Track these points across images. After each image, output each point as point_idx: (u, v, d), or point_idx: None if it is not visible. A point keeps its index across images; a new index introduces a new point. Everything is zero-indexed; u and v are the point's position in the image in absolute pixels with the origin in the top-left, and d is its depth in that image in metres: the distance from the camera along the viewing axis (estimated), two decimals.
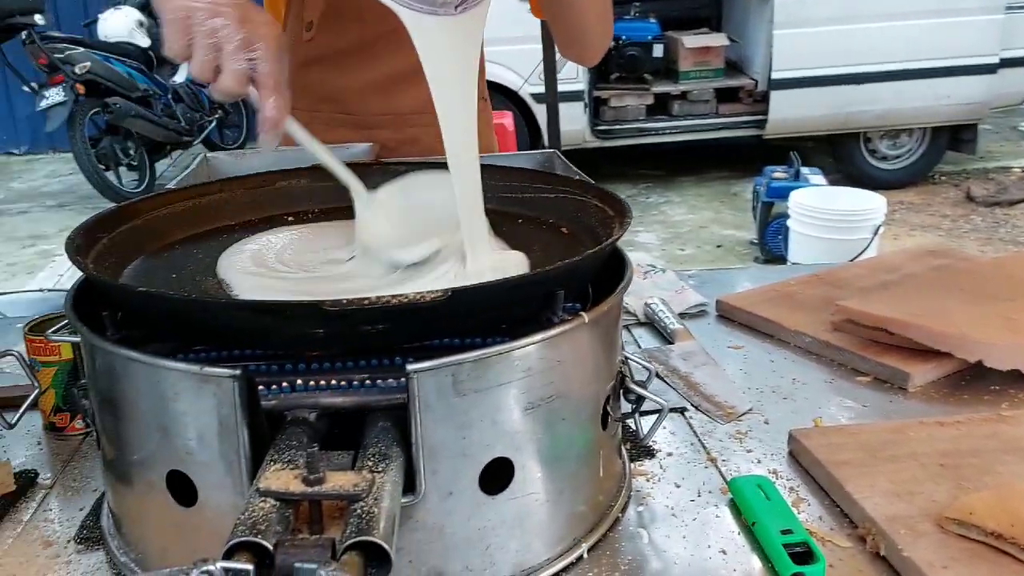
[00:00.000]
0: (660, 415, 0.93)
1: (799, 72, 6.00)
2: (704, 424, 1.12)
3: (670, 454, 1.06)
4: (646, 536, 0.90)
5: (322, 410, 0.78)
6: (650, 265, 1.61)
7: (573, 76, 5.76)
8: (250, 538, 0.61)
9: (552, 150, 1.39)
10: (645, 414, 0.95)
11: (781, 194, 4.68)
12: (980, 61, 5.99)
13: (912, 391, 1.19)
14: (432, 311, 0.75)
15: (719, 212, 6.08)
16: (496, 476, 0.79)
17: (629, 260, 0.95)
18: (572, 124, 5.91)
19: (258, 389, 0.76)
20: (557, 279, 0.85)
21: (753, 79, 6.36)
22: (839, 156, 6.43)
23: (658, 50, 6.25)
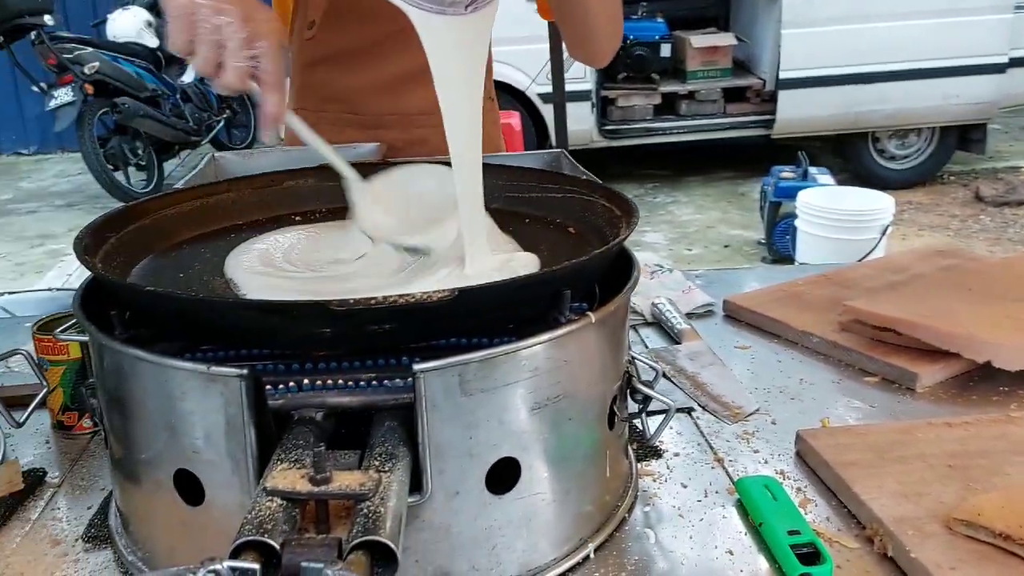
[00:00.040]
0: (667, 415, 0.93)
1: (807, 72, 5.99)
2: (711, 424, 1.12)
3: (677, 454, 1.05)
4: (653, 536, 0.90)
5: (329, 410, 0.78)
6: (657, 265, 1.61)
7: (580, 76, 5.76)
8: (257, 537, 0.61)
9: (559, 150, 1.39)
10: (652, 414, 0.95)
11: (789, 194, 4.67)
12: (989, 60, 5.97)
13: (920, 392, 1.18)
14: (439, 311, 0.75)
15: (726, 212, 6.07)
16: (503, 476, 0.79)
17: (636, 260, 0.95)
18: (579, 124, 5.91)
19: (265, 388, 0.76)
20: (564, 279, 0.85)
21: (761, 79, 6.35)
22: (847, 156, 6.42)
23: (665, 50, 6.24)
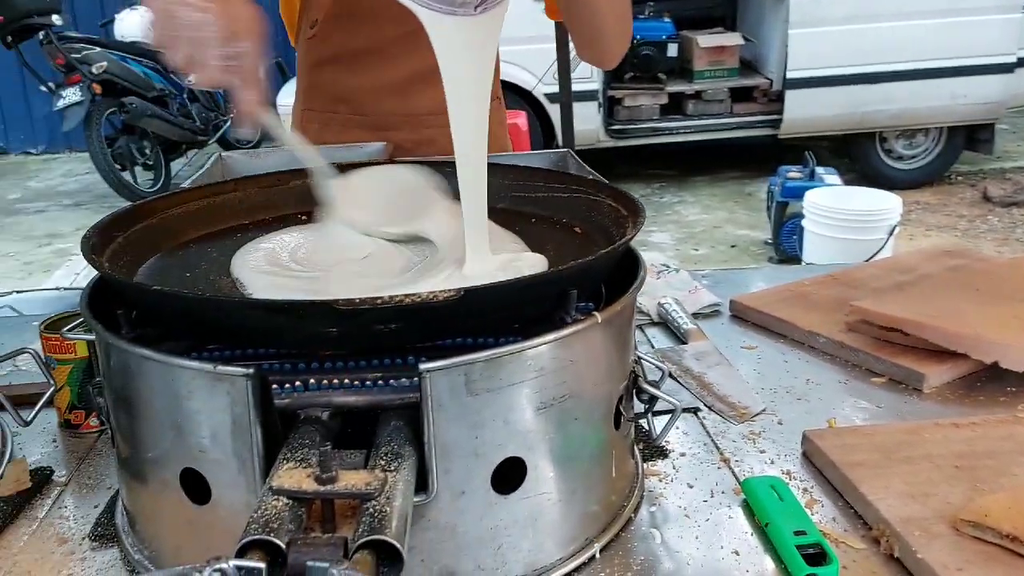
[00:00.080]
0: (673, 415, 0.93)
1: (814, 71, 5.97)
2: (717, 424, 1.12)
3: (683, 454, 1.05)
4: (659, 536, 0.90)
5: (335, 409, 0.78)
6: (664, 265, 1.60)
7: (587, 76, 5.75)
8: (263, 536, 0.61)
9: (566, 149, 1.39)
10: (658, 414, 0.94)
11: (796, 194, 4.66)
12: (997, 60, 5.95)
13: (927, 392, 1.18)
14: (445, 310, 0.75)
15: (733, 212, 6.06)
16: (508, 475, 0.79)
17: (643, 260, 0.95)
18: (586, 124, 5.91)
19: (271, 388, 0.76)
20: (570, 279, 0.85)
21: (768, 78, 6.34)
22: (854, 156, 6.40)
23: (672, 49, 6.23)
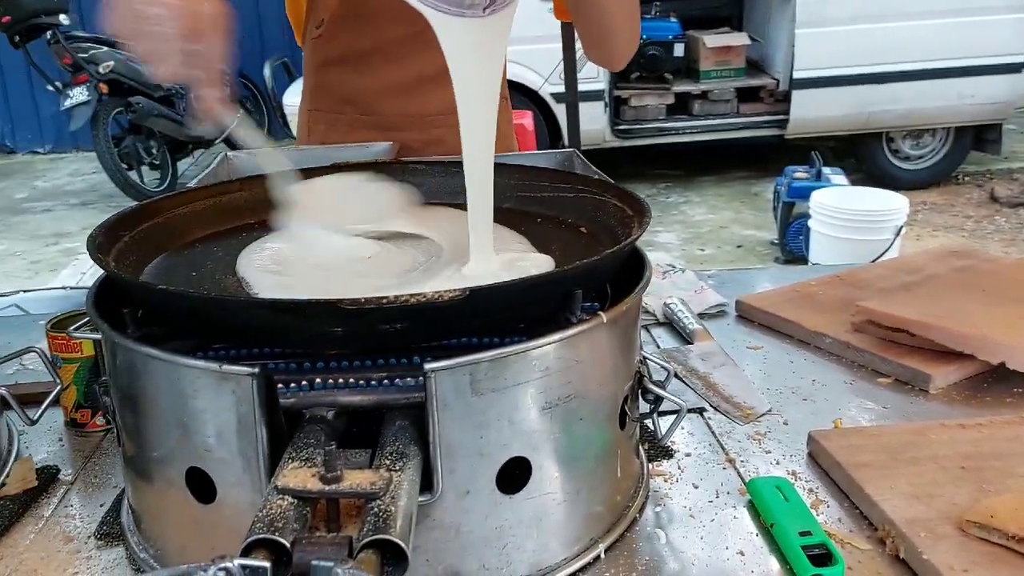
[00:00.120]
0: (678, 415, 0.92)
1: (821, 71, 5.96)
2: (723, 425, 1.12)
3: (688, 455, 1.05)
4: (663, 537, 0.90)
5: (340, 408, 0.78)
6: (669, 265, 1.60)
7: (593, 75, 5.75)
8: (268, 535, 0.61)
9: (571, 149, 1.39)
10: (663, 414, 0.94)
11: (802, 194, 4.66)
12: (1005, 60, 5.93)
13: (933, 393, 1.18)
14: (450, 310, 0.75)
15: (740, 212, 6.05)
16: (513, 475, 0.79)
17: (648, 260, 0.95)
18: (592, 123, 5.90)
19: (277, 387, 0.76)
20: (575, 278, 0.85)
21: (774, 78, 6.33)
22: (861, 156, 6.39)
23: (679, 49, 6.23)
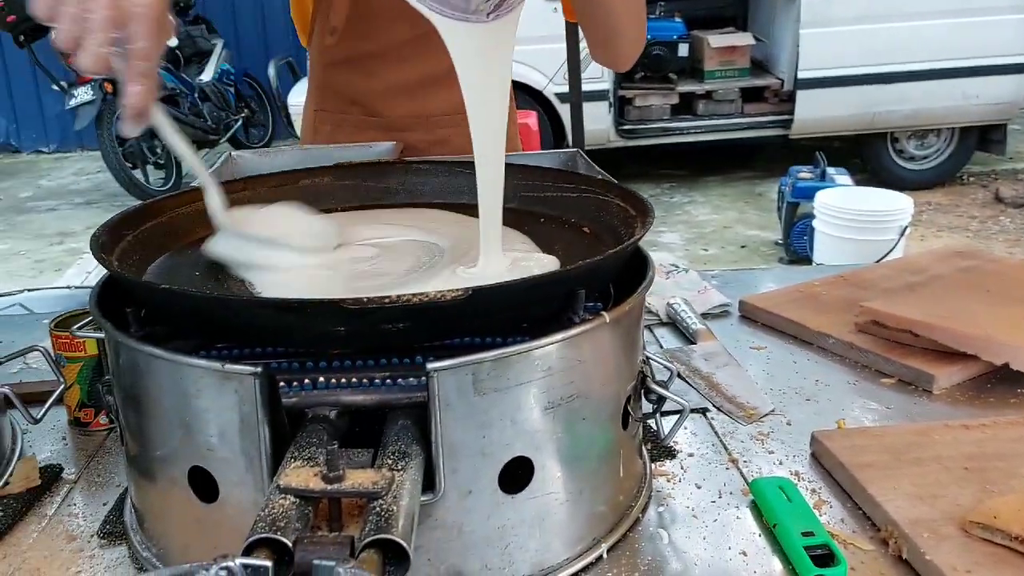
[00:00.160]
0: (681, 415, 0.92)
1: (826, 72, 5.96)
2: (726, 425, 1.12)
3: (691, 455, 1.05)
4: (666, 537, 0.90)
5: (342, 408, 0.78)
6: (673, 265, 1.60)
7: (598, 75, 5.76)
8: (270, 535, 0.61)
9: (575, 149, 1.39)
10: (666, 414, 0.94)
11: (807, 194, 4.66)
12: (1010, 61, 5.93)
13: (937, 393, 1.18)
14: (453, 310, 0.75)
15: (744, 212, 6.05)
16: (516, 475, 0.79)
17: (651, 260, 0.95)
18: (597, 123, 5.91)
19: (279, 386, 0.76)
20: (578, 278, 0.85)
21: (779, 78, 6.33)
22: (866, 156, 6.39)
23: (683, 49, 6.23)
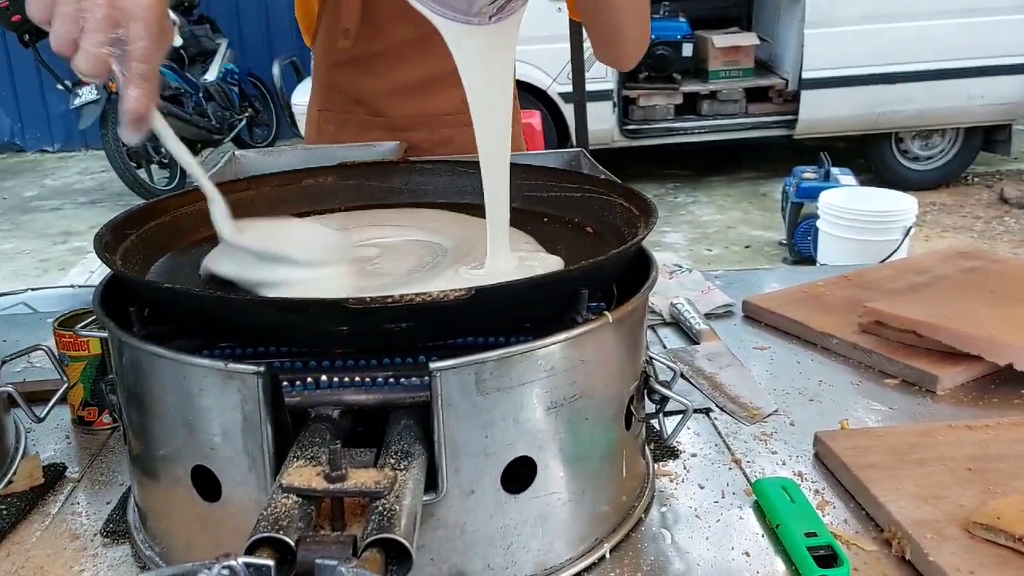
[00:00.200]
0: (684, 416, 0.92)
1: (830, 72, 5.95)
2: (729, 425, 1.12)
3: (694, 455, 1.05)
4: (669, 537, 0.90)
5: (345, 407, 0.78)
6: (676, 265, 1.60)
7: (602, 75, 5.75)
8: (272, 534, 0.61)
9: (578, 149, 1.38)
10: (669, 414, 0.94)
11: (811, 195, 4.65)
12: (1015, 61, 5.91)
13: (941, 394, 1.17)
14: (456, 309, 0.75)
15: (748, 212, 6.04)
16: (518, 475, 0.79)
17: (655, 260, 0.95)
18: (601, 123, 5.91)
19: (282, 386, 0.76)
20: (581, 278, 0.85)
21: (783, 79, 6.32)
22: (870, 157, 6.38)
23: (687, 49, 6.23)
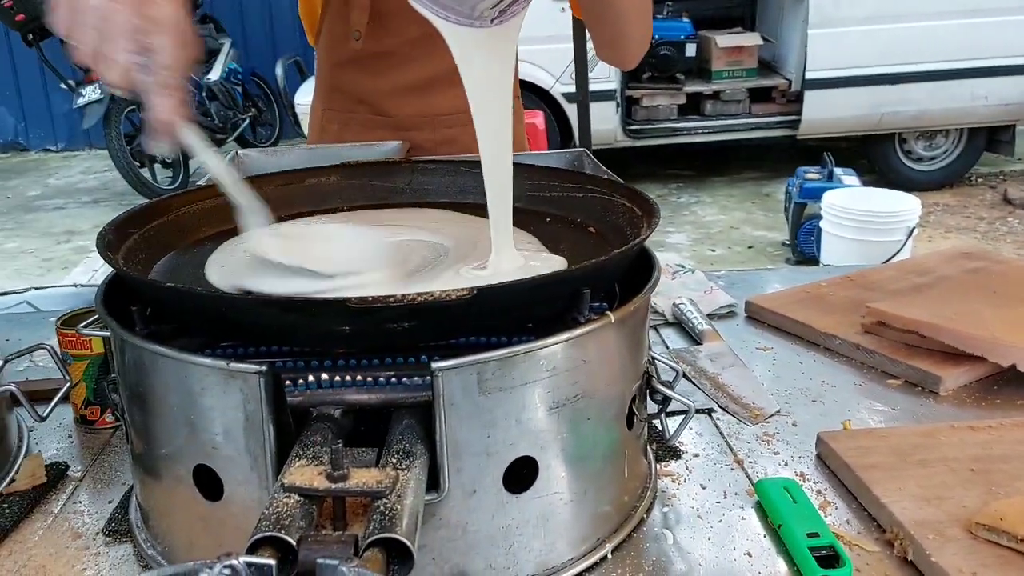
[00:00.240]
0: (687, 416, 0.92)
1: (833, 72, 5.95)
2: (731, 425, 1.12)
3: (696, 455, 1.05)
4: (671, 537, 0.90)
5: (347, 407, 0.78)
6: (679, 265, 1.60)
7: (605, 75, 5.75)
8: (273, 533, 0.61)
9: (581, 149, 1.38)
10: (672, 415, 0.94)
11: (814, 195, 4.64)
12: (1019, 61, 5.90)
13: (943, 395, 1.17)
14: (458, 309, 0.75)
15: (751, 213, 6.04)
16: (520, 475, 0.79)
17: (657, 260, 0.95)
18: (604, 123, 5.90)
19: (284, 385, 0.76)
20: (583, 278, 0.85)
21: (787, 79, 6.31)
22: (873, 157, 6.37)
23: (691, 49, 6.22)
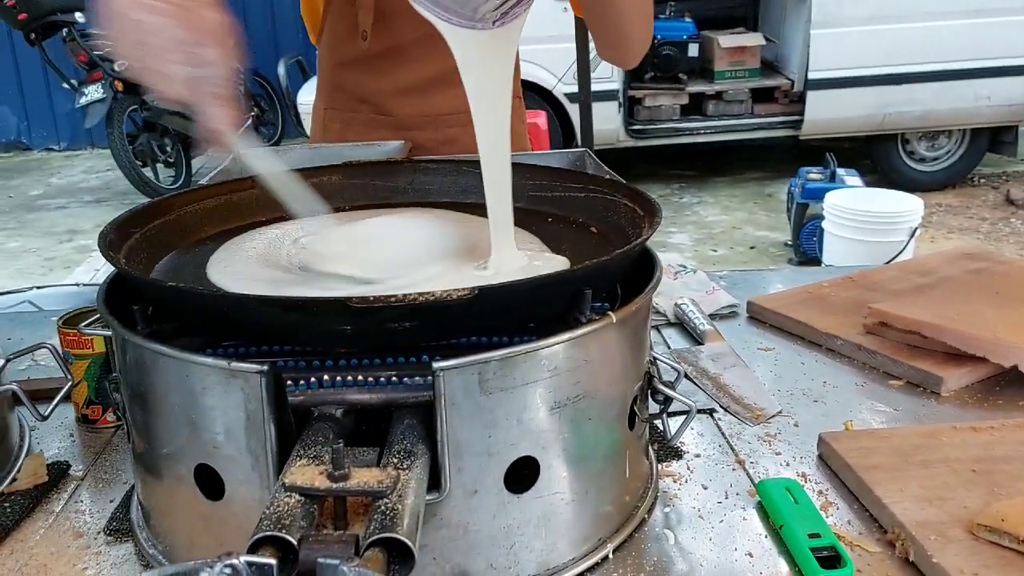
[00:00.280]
0: (688, 416, 0.92)
1: (836, 72, 5.94)
2: (733, 426, 1.12)
3: (698, 455, 1.05)
4: (672, 537, 0.90)
5: (348, 406, 0.78)
6: (681, 265, 1.60)
7: (607, 75, 5.74)
8: (274, 533, 0.61)
9: (583, 149, 1.38)
10: (673, 415, 0.94)
11: (816, 195, 4.64)
12: (1022, 62, 5.89)
13: (945, 395, 1.17)
14: (459, 309, 0.75)
15: (753, 213, 6.03)
16: (521, 475, 0.79)
17: (659, 260, 0.95)
18: (606, 123, 5.89)
19: (285, 385, 0.76)
20: (585, 278, 0.85)
21: (789, 79, 6.31)
22: (876, 158, 6.36)
23: (693, 49, 6.21)
